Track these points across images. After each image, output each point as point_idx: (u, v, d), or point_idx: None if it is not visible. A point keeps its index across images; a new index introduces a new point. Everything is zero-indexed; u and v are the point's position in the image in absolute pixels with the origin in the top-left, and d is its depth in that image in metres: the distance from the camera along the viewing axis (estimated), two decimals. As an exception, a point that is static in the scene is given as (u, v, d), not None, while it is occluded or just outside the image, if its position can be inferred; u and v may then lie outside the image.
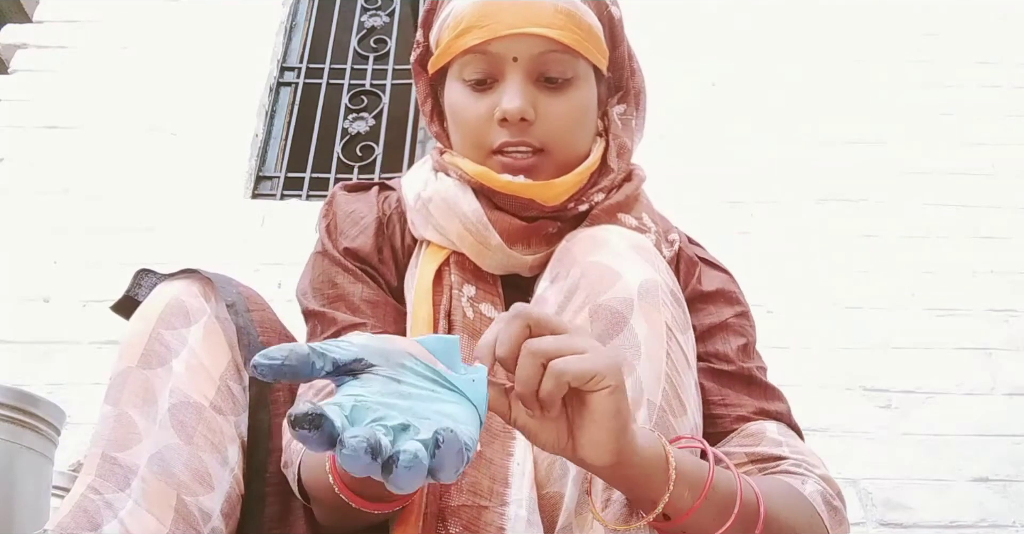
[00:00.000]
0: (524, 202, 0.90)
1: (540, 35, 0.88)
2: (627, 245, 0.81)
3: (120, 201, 2.65)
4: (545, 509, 0.74)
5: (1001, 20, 3.06)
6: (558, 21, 0.88)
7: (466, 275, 0.91)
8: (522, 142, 0.90)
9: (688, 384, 0.78)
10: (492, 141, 0.90)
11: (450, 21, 0.91)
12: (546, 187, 0.90)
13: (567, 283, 0.79)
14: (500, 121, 0.89)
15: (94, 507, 0.74)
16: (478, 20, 0.88)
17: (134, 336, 0.83)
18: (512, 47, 0.88)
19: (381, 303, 0.92)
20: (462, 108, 0.92)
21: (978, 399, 2.36)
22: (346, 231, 0.96)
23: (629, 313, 0.75)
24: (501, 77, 0.90)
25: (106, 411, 0.79)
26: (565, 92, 0.91)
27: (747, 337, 0.93)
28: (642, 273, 0.77)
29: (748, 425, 0.86)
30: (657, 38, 2.96)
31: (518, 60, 0.89)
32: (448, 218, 0.91)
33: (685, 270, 0.97)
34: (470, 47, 0.89)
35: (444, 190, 0.92)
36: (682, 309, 0.81)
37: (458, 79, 0.92)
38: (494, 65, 0.89)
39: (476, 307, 0.88)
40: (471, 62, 0.90)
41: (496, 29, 0.88)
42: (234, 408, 0.84)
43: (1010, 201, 2.69)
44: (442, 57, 0.93)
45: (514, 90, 0.88)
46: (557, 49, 0.89)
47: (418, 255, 0.94)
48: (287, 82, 3.06)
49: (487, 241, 0.89)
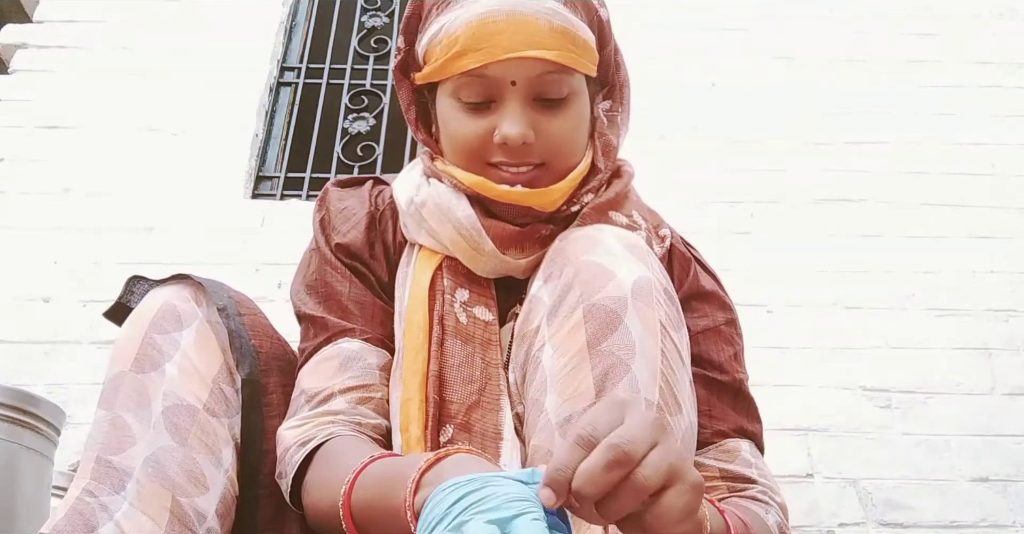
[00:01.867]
0: (522, 209, 0.90)
1: (538, 58, 0.87)
2: (620, 244, 0.81)
3: (120, 201, 2.65)
4: None
5: (1001, 20, 3.06)
6: (555, 41, 0.87)
7: (459, 279, 0.91)
8: (522, 162, 0.90)
9: (683, 382, 0.78)
10: (490, 157, 0.90)
11: (442, 38, 0.89)
12: (544, 194, 0.90)
13: (561, 282, 0.80)
14: (500, 144, 0.89)
15: (89, 510, 0.74)
16: (475, 42, 0.86)
17: (127, 341, 0.83)
18: (510, 71, 0.87)
19: (368, 303, 0.93)
20: (458, 127, 0.91)
21: (978, 399, 2.36)
22: (338, 227, 0.97)
23: (623, 312, 0.75)
24: (499, 99, 0.89)
25: (100, 415, 0.80)
26: (562, 110, 0.90)
27: (737, 346, 0.95)
28: (635, 272, 0.78)
29: (726, 441, 0.89)
30: (657, 38, 2.96)
31: (516, 84, 0.88)
32: (441, 223, 0.91)
33: (679, 267, 0.97)
34: (467, 70, 0.87)
35: (437, 196, 0.92)
36: (675, 307, 0.82)
37: (453, 98, 0.91)
38: (491, 88, 0.88)
39: (469, 311, 0.89)
40: (468, 85, 0.89)
41: (494, 53, 0.86)
42: (227, 410, 0.84)
43: (1010, 201, 2.69)
44: (435, 74, 0.91)
45: (514, 115, 0.88)
46: (554, 70, 0.88)
47: (410, 256, 0.95)
48: (287, 82, 3.06)
49: (480, 247, 0.89)
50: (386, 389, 0.89)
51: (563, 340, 0.76)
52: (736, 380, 0.92)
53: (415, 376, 0.84)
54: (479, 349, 0.86)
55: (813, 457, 2.25)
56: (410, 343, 0.86)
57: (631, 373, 0.73)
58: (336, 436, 0.82)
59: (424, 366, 0.85)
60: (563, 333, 0.77)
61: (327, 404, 0.85)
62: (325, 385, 0.87)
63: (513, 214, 0.91)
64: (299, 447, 0.82)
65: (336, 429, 0.83)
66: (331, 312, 0.91)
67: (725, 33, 3.02)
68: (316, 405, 0.85)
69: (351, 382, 0.87)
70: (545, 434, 0.75)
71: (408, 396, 0.84)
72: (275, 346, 0.92)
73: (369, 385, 0.88)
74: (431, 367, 0.85)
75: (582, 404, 0.73)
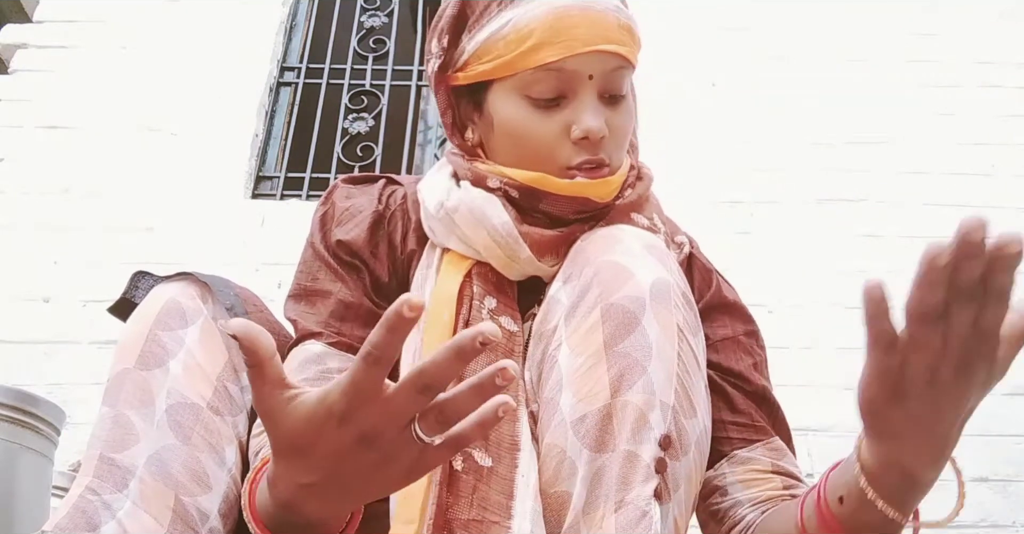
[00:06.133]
0: (580, 201, 0.90)
1: (613, 52, 0.87)
2: (640, 244, 0.81)
3: (120, 201, 2.65)
4: (552, 508, 0.75)
5: (1001, 20, 3.06)
6: (624, 37, 0.88)
7: (488, 287, 0.90)
8: (600, 160, 0.89)
9: (698, 386, 0.78)
10: (567, 159, 0.89)
11: (509, 33, 0.87)
12: (603, 184, 0.89)
13: (580, 282, 0.79)
14: (578, 140, 0.88)
15: (92, 508, 0.74)
16: (552, 36, 0.86)
17: (131, 338, 0.83)
18: (587, 65, 0.87)
19: (355, 305, 0.92)
20: (528, 126, 0.89)
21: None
22: (342, 223, 0.96)
23: (641, 313, 0.75)
24: (572, 95, 0.88)
25: (104, 412, 0.79)
26: (623, 106, 0.91)
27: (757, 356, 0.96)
28: (654, 273, 0.77)
29: (773, 440, 0.91)
30: (657, 38, 2.96)
31: (593, 78, 0.88)
32: (475, 229, 0.90)
33: (700, 278, 0.97)
34: (545, 63, 0.86)
35: (470, 200, 0.91)
36: (693, 312, 0.81)
37: (520, 95, 0.89)
38: (567, 82, 0.88)
39: (497, 320, 0.88)
40: (542, 79, 0.88)
41: (573, 46, 0.86)
42: (231, 409, 0.84)
43: (1010, 201, 2.69)
44: (500, 70, 0.89)
45: (593, 109, 0.87)
46: (625, 66, 0.89)
47: (431, 258, 0.93)
48: (287, 82, 3.06)
49: (516, 254, 0.89)
50: None
51: (580, 340, 0.76)
52: (760, 387, 0.93)
53: None
54: (501, 358, 0.85)
55: (813, 457, 2.25)
56: (433, 341, 0.85)
57: (647, 375, 0.73)
58: None
59: None
60: (580, 333, 0.77)
61: None
62: None
63: (568, 208, 0.90)
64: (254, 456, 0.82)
65: None
66: (309, 312, 0.91)
67: (725, 33, 3.02)
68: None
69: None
70: (559, 433, 0.75)
71: None
72: (281, 343, 0.92)
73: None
74: None
75: (597, 404, 0.73)
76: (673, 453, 0.73)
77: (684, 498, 0.75)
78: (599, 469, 0.72)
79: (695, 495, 0.80)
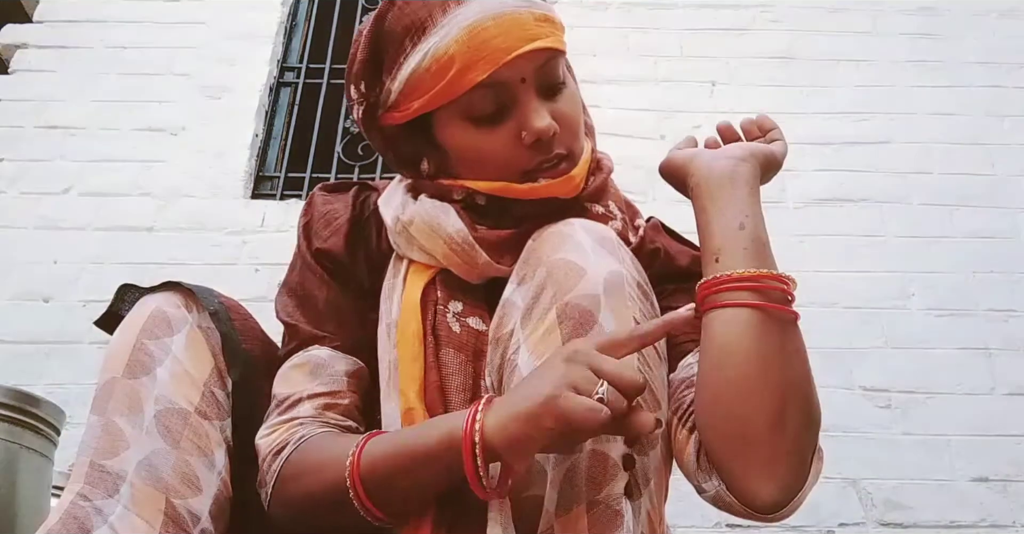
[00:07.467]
0: (548, 201, 0.90)
1: (536, 49, 0.87)
2: (591, 239, 0.81)
3: (120, 201, 2.66)
4: (524, 513, 0.74)
5: (1001, 20, 3.06)
6: (544, 28, 0.88)
7: (452, 291, 0.90)
8: (556, 155, 0.89)
9: (660, 378, 0.79)
10: (524, 164, 0.89)
11: (431, 65, 0.86)
12: (565, 182, 0.90)
13: (534, 283, 0.80)
14: (531, 144, 0.88)
15: (84, 513, 0.74)
16: (473, 54, 0.85)
17: (118, 347, 0.84)
18: (517, 70, 0.86)
19: (345, 308, 0.94)
20: (480, 146, 0.89)
21: (978, 399, 2.35)
22: (319, 232, 0.98)
23: (597, 310, 0.75)
24: (512, 102, 0.88)
25: (92, 421, 0.80)
26: (564, 92, 0.91)
27: None
28: (607, 267, 0.78)
29: None
30: (657, 38, 2.96)
31: (526, 80, 0.87)
32: (431, 239, 0.90)
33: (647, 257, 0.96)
34: (475, 83, 0.85)
35: (424, 212, 0.91)
36: (650, 302, 0.82)
37: (462, 118, 0.89)
38: (503, 93, 0.87)
39: (463, 321, 0.88)
40: (480, 98, 0.87)
41: (496, 57, 0.85)
42: (219, 413, 0.85)
43: (1010, 201, 2.69)
44: (435, 101, 0.88)
45: (536, 110, 0.87)
46: (553, 56, 0.89)
47: (398, 268, 0.94)
48: (287, 82, 3.06)
49: (474, 260, 0.89)
50: (354, 395, 0.90)
51: (538, 342, 0.76)
52: None
53: (414, 383, 0.85)
54: (471, 358, 0.86)
55: (813, 457, 2.25)
56: (405, 353, 0.87)
57: None
58: (311, 436, 0.84)
59: (421, 374, 0.85)
60: (538, 335, 0.77)
61: (294, 410, 0.87)
62: (293, 391, 0.88)
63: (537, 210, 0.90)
64: (274, 456, 0.83)
65: (306, 431, 0.84)
66: (306, 317, 0.93)
67: (725, 33, 3.02)
68: (284, 411, 0.87)
69: (319, 389, 0.88)
70: None
71: (410, 405, 0.84)
72: (266, 349, 0.93)
73: (336, 392, 0.89)
74: (430, 377, 0.85)
75: None
76: (640, 448, 0.74)
77: (655, 491, 0.76)
78: (567, 471, 0.72)
79: (666, 485, 0.81)
